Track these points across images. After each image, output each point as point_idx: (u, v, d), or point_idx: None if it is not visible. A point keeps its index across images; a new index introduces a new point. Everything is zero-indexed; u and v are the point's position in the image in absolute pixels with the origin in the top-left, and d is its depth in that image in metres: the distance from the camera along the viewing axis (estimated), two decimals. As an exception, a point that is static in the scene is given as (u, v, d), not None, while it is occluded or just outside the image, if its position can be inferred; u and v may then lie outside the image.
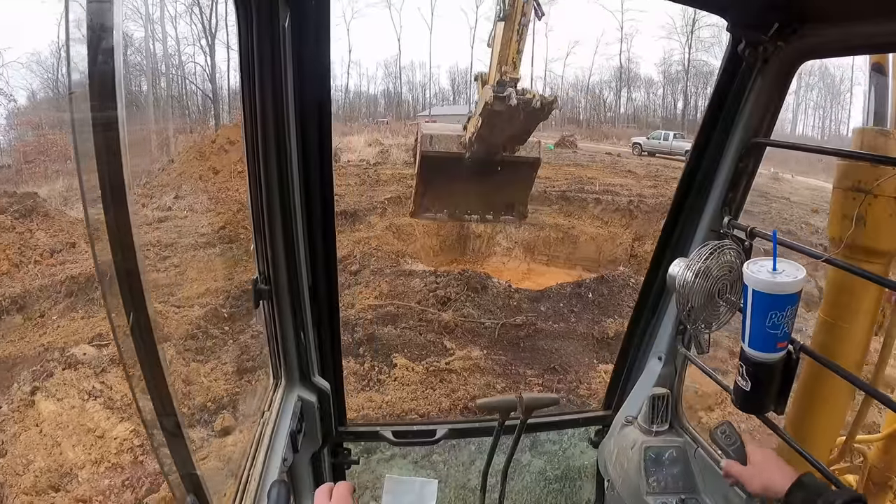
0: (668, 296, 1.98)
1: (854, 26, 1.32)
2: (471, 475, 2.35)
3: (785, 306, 1.34)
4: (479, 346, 9.46)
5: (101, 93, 0.82)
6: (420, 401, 7.72)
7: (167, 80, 29.48)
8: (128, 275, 0.92)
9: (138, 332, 0.96)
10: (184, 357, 8.30)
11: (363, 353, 9.07)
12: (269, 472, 1.58)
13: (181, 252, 12.52)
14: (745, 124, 1.64)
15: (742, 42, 1.53)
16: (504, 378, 8.45)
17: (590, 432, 2.38)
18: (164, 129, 26.55)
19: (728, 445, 1.57)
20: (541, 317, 10.43)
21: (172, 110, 32.57)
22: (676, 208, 1.88)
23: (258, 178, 1.53)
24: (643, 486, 1.89)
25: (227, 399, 7.29)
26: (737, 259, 1.60)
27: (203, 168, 19.09)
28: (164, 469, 1.12)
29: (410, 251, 15.18)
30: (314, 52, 1.43)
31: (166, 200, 16.82)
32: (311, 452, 1.97)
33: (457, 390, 8.01)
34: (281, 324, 1.75)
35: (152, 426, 1.06)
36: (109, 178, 0.86)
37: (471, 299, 10.91)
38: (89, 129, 0.83)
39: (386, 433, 2.16)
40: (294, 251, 1.64)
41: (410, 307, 10.64)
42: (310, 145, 1.54)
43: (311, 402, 1.90)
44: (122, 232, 0.89)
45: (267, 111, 1.44)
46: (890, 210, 1.75)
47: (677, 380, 2.05)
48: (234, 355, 8.46)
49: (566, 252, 16.36)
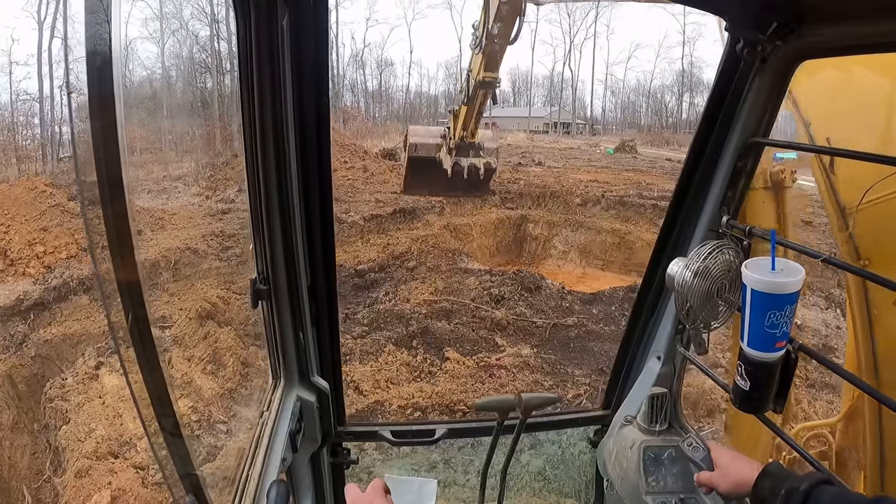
0: (667, 295, 1.98)
1: (853, 26, 1.32)
2: (470, 475, 2.34)
3: (784, 306, 1.34)
4: (529, 344, 9.69)
5: (101, 93, 0.81)
6: (469, 393, 7.96)
7: (232, 76, 29.63)
8: (127, 275, 0.91)
9: (137, 332, 0.95)
10: (243, 341, 8.67)
11: (416, 345, 9.39)
12: (268, 472, 1.57)
13: (243, 242, 12.92)
14: (744, 124, 1.64)
15: (740, 41, 1.53)
16: (552, 376, 8.65)
17: (589, 432, 2.38)
18: (227, 125, 26.66)
19: (696, 457, 1.64)
20: (592, 319, 10.65)
21: (237, 106, 32.65)
22: (675, 208, 1.88)
23: (257, 177, 1.52)
24: (642, 485, 1.89)
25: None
26: (735, 258, 1.61)
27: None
28: (163, 469, 1.12)
29: (467, 250, 15.39)
30: (313, 51, 1.43)
31: (230, 193, 17.15)
32: (310, 452, 1.97)
33: (505, 385, 8.25)
34: (280, 324, 1.75)
35: (151, 426, 1.05)
36: (108, 179, 0.85)
37: (524, 299, 11.20)
38: (88, 129, 0.83)
39: (385, 433, 2.15)
40: (293, 251, 1.64)
41: (464, 304, 10.96)
42: (308, 145, 1.54)
43: (311, 402, 1.89)
44: (121, 232, 0.89)
45: (265, 110, 1.44)
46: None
47: (676, 379, 2.05)
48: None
49: (622, 257, 16.41)
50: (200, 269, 11.95)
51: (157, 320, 9.33)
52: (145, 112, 25.54)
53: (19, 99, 26.28)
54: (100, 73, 0.80)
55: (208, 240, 12.94)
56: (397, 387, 8.25)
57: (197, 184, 18.82)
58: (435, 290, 11.60)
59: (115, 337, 0.96)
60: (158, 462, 1.09)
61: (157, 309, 9.91)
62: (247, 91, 1.43)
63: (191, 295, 10.75)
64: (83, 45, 0.78)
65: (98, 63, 0.80)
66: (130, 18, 28.87)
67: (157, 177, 19.34)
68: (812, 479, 1.19)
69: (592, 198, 18.27)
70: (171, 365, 8.03)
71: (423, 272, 12.89)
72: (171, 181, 19.15)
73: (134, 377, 0.99)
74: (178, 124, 26.95)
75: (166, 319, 9.53)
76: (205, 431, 6.96)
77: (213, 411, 7.32)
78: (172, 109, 28.28)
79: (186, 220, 14.69)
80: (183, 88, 31.87)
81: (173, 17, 32.80)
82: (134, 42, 30.25)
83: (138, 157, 20.57)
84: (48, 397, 7.67)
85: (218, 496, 1.41)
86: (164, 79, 31.93)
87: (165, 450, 1.09)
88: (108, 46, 0.80)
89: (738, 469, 1.42)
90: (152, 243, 12.24)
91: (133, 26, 29.86)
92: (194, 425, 7.00)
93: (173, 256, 11.80)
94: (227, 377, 8.21)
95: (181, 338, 9.08)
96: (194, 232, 13.44)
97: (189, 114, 28.16)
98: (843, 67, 2.15)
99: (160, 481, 5.80)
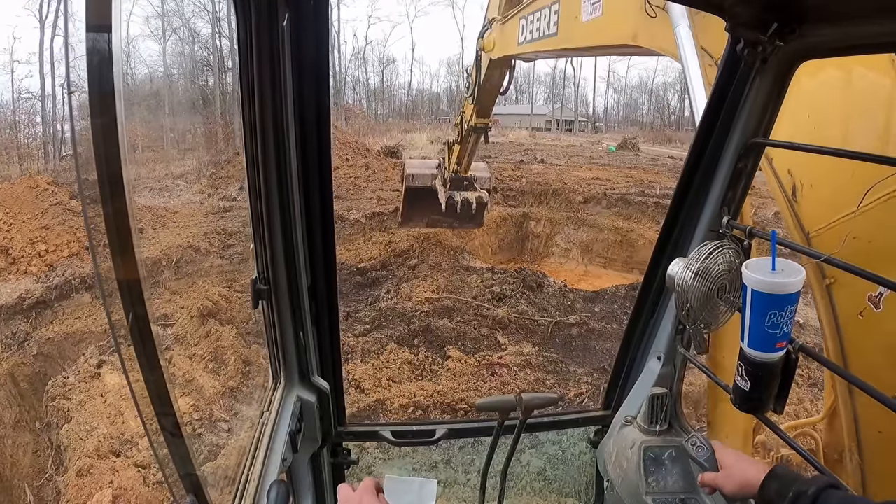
0: (667, 295, 1.98)
1: (853, 26, 1.32)
2: (470, 475, 2.34)
3: (784, 306, 1.34)
4: (531, 342, 9.75)
5: (101, 92, 0.81)
6: (470, 392, 8.01)
7: (233, 75, 29.61)
8: (127, 274, 0.91)
9: (137, 332, 0.96)
10: (245, 339, 8.75)
11: (418, 343, 9.44)
12: (268, 472, 1.58)
13: (245, 240, 13.08)
14: (744, 124, 1.64)
15: (741, 42, 1.53)
16: (554, 375, 8.68)
17: (589, 432, 2.38)
18: (229, 123, 26.70)
19: (700, 457, 1.60)
20: (594, 317, 10.70)
21: (238, 104, 32.63)
22: (675, 208, 1.88)
23: (257, 177, 1.53)
24: (642, 485, 1.89)
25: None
26: (736, 259, 1.60)
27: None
28: (164, 469, 1.12)
29: (469, 248, 15.51)
30: (313, 51, 1.43)
31: (231, 191, 17.25)
32: (310, 452, 1.97)
33: (507, 384, 8.29)
34: (280, 324, 1.75)
35: (151, 426, 1.05)
36: (108, 178, 0.85)
37: (526, 297, 11.28)
38: (88, 129, 0.83)
39: (385, 433, 2.15)
40: (293, 251, 1.64)
41: (466, 302, 11.03)
42: (309, 145, 1.54)
43: (311, 402, 1.90)
44: (122, 232, 0.89)
45: (266, 110, 1.44)
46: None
47: (676, 380, 2.05)
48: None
49: (624, 255, 16.45)
50: (202, 268, 12.00)
51: (159, 318, 9.38)
52: (147, 110, 25.56)
53: (21, 97, 26.32)
54: (100, 72, 0.80)
55: (210, 238, 12.99)
56: (399, 385, 8.27)
57: (199, 181, 18.85)
58: (437, 288, 11.70)
59: (116, 336, 0.96)
60: (159, 462, 1.08)
61: (160, 307, 9.97)
62: (247, 91, 1.43)
63: (193, 293, 10.80)
64: (83, 44, 0.78)
65: (98, 61, 0.80)
66: (132, 16, 28.86)
67: (160, 174, 19.39)
68: (819, 483, 1.19)
69: (594, 195, 18.26)
70: (174, 363, 8.08)
71: (424, 270, 12.99)
72: (172, 179, 19.19)
73: (134, 376, 0.99)
74: (179, 122, 26.96)
75: (168, 318, 9.59)
76: (206, 430, 6.99)
77: (214, 410, 7.35)
78: (174, 107, 28.29)
79: (188, 217, 14.74)
80: (185, 86, 31.89)
81: (175, 14, 32.80)
82: (136, 40, 30.28)
83: (140, 155, 20.63)
84: (50, 396, 7.71)
85: (218, 496, 1.41)
86: (166, 76, 31.96)
87: (165, 449, 1.10)
88: (108, 44, 0.80)
89: (743, 470, 1.41)
90: (154, 241, 12.31)
91: (135, 24, 29.86)
92: (196, 424, 7.03)
93: (175, 254, 11.85)
94: (228, 375, 8.25)
95: (183, 336, 9.12)
96: (196, 230, 13.48)
97: (191, 111, 28.16)
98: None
99: (161, 480, 5.81)
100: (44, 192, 12.91)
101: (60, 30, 25.31)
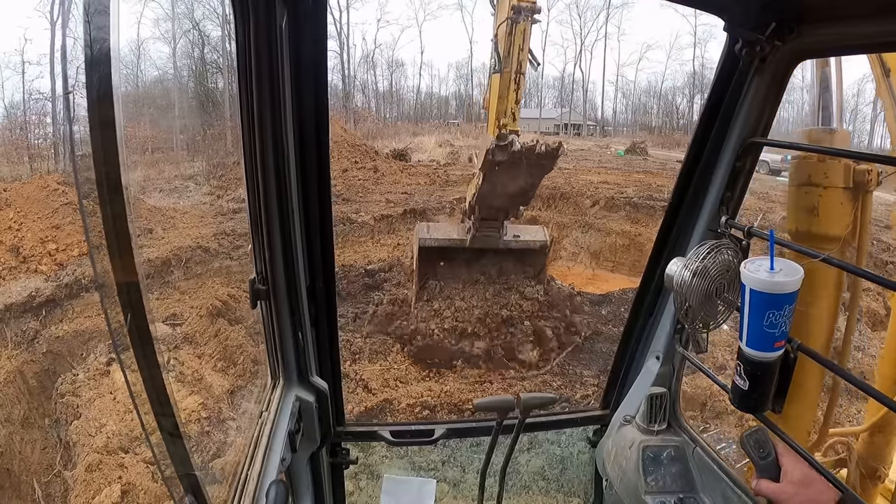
0: (665, 295, 1.98)
1: (851, 26, 1.31)
2: (469, 475, 2.35)
3: (783, 305, 1.34)
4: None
5: (99, 92, 0.82)
6: (476, 393, 8.08)
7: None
8: (126, 276, 0.92)
9: (136, 333, 0.96)
10: (253, 339, 8.84)
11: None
12: (267, 473, 1.58)
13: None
14: (742, 124, 1.64)
15: (739, 41, 1.53)
16: (560, 377, 8.78)
17: (588, 432, 2.38)
18: (238, 125, 26.84)
19: (759, 457, 1.38)
20: (601, 320, 10.65)
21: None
22: (674, 207, 1.88)
23: (255, 178, 1.54)
24: (641, 485, 1.89)
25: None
26: (734, 258, 1.60)
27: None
28: (163, 470, 1.13)
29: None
30: (311, 52, 1.44)
31: (240, 192, 17.29)
32: (309, 452, 1.98)
33: (513, 385, 8.38)
34: (279, 324, 1.76)
35: (150, 427, 1.06)
36: (107, 179, 0.86)
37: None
38: (86, 130, 0.84)
39: (384, 433, 2.16)
40: (292, 251, 1.65)
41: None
42: (307, 145, 1.55)
43: (310, 403, 1.90)
44: (120, 233, 0.89)
45: (264, 111, 1.45)
46: (839, 199, 1.95)
47: (675, 379, 2.05)
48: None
49: (632, 259, 16.36)
50: (212, 268, 12.07)
51: (168, 317, 9.43)
52: (157, 111, 25.70)
53: (32, 98, 26.51)
54: (99, 74, 0.81)
55: (220, 238, 13.07)
56: (406, 385, 8.30)
57: (208, 183, 18.95)
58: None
59: (115, 338, 0.97)
60: (157, 462, 1.09)
61: (169, 306, 10.01)
62: (246, 92, 1.44)
63: (202, 293, 10.86)
64: (83, 46, 0.79)
65: (97, 64, 0.80)
66: (142, 18, 29.02)
67: (169, 175, 19.50)
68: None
69: (603, 199, 18.19)
70: (182, 362, 8.13)
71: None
72: (182, 180, 19.30)
73: (133, 378, 1.00)
74: (189, 123, 27.09)
75: (178, 317, 9.63)
76: (215, 428, 7.03)
77: (223, 408, 7.39)
78: (184, 109, 28.43)
79: (198, 218, 14.81)
80: (195, 88, 32.07)
81: (185, 17, 32.98)
82: (145, 42, 30.47)
83: (150, 157, 20.73)
84: (59, 393, 7.80)
85: (217, 496, 1.42)
86: (176, 78, 32.14)
87: (164, 449, 1.10)
88: (107, 47, 0.80)
89: (812, 495, 1.23)
90: (164, 242, 12.38)
91: (145, 27, 30.03)
92: (204, 422, 7.07)
93: (185, 255, 11.93)
94: (237, 374, 8.30)
95: (192, 335, 9.19)
96: (206, 230, 13.55)
97: (200, 113, 28.30)
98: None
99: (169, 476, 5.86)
100: (54, 191, 13.02)
101: (71, 31, 25.43)
